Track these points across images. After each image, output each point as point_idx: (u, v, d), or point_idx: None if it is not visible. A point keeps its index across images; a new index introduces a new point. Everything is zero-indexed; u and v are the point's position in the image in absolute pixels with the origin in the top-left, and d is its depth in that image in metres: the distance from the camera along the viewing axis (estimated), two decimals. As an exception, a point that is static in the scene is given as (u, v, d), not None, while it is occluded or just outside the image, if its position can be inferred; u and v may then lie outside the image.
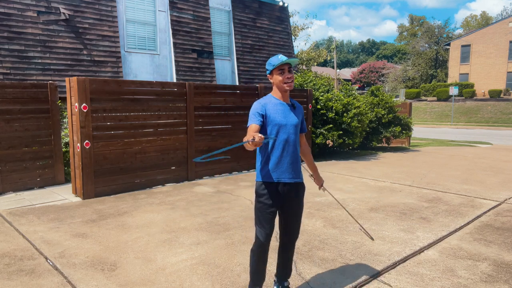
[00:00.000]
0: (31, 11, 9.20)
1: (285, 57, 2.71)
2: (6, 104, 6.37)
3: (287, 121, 2.79)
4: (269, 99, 2.84)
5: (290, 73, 2.75)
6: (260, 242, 2.79)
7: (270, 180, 2.78)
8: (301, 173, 2.91)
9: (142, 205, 5.73)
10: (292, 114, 2.83)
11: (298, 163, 2.87)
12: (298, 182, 2.85)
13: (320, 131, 9.93)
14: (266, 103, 2.80)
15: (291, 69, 2.77)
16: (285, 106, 2.82)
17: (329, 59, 35.69)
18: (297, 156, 2.86)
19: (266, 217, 2.77)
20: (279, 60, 2.69)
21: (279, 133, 2.77)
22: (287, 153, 2.79)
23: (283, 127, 2.77)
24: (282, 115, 2.78)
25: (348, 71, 72.38)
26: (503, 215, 5.30)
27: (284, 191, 2.79)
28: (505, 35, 39.49)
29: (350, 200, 6.03)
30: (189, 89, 7.42)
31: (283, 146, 2.78)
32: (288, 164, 2.79)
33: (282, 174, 2.78)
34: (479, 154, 11.80)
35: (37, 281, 3.33)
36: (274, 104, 2.80)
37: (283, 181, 2.78)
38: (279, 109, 2.79)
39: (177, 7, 11.81)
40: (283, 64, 2.72)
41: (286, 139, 2.79)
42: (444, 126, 29.54)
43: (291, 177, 2.80)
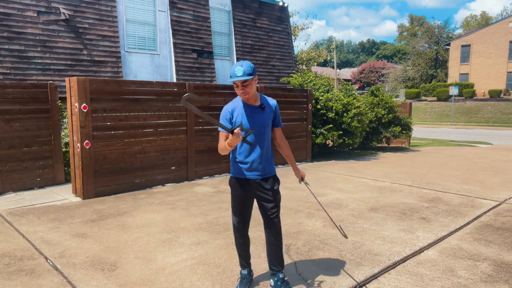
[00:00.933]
0: (31, 11, 9.20)
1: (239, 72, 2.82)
2: (6, 104, 6.37)
3: (253, 123, 2.98)
4: (237, 103, 3.05)
5: (243, 87, 2.89)
6: (234, 226, 3.19)
7: (240, 176, 3.05)
8: (273, 168, 3.12)
9: (142, 205, 5.73)
10: (259, 115, 3.01)
11: (268, 160, 3.06)
12: (267, 177, 3.06)
13: (320, 131, 9.93)
14: (233, 108, 3.03)
15: (244, 82, 2.86)
16: (251, 108, 3.00)
17: (329, 59, 35.69)
18: (266, 154, 3.05)
19: (237, 206, 3.10)
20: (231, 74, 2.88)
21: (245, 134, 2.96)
22: (254, 153, 3.01)
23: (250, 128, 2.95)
24: (247, 118, 2.98)
25: (348, 71, 72.38)
26: (503, 215, 5.30)
27: (254, 186, 3.04)
28: (505, 35, 39.49)
29: (350, 200, 6.03)
30: (189, 89, 7.42)
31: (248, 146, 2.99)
32: (255, 162, 3.01)
33: (249, 171, 3.02)
34: (479, 154, 11.80)
35: (37, 281, 3.33)
36: (240, 107, 3.02)
37: (251, 177, 3.02)
38: (244, 112, 2.99)
39: (177, 7, 11.81)
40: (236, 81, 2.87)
41: (253, 140, 2.99)
42: (444, 126, 29.54)
43: (258, 174, 3.03)
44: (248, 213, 3.15)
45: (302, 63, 21.24)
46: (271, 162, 3.12)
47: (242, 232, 3.17)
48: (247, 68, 2.85)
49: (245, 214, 3.14)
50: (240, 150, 3.05)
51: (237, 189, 3.09)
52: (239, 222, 3.14)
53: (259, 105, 3.02)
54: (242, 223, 3.14)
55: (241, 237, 3.18)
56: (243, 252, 3.23)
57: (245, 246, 3.22)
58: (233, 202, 3.14)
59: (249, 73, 2.85)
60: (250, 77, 2.85)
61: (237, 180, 3.08)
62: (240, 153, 3.05)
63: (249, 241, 3.26)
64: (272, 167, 3.12)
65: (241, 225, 3.15)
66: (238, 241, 3.21)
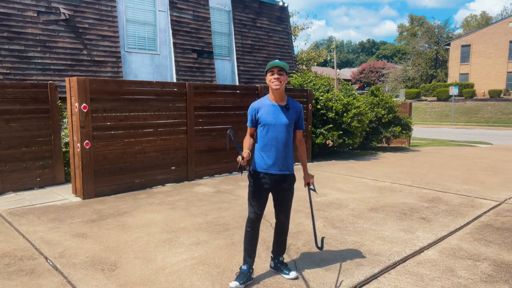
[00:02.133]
0: (31, 11, 9.20)
1: (277, 61, 3.15)
2: (6, 104, 6.37)
3: (277, 121, 3.18)
4: (263, 101, 3.28)
5: (278, 74, 3.13)
6: (249, 218, 3.28)
7: (261, 169, 3.23)
8: (291, 166, 3.30)
9: (142, 205, 5.73)
10: (283, 114, 3.21)
11: (288, 158, 3.25)
12: (286, 174, 3.26)
13: (320, 131, 9.93)
14: (259, 106, 3.25)
15: (281, 71, 3.13)
16: (277, 107, 3.22)
17: (329, 59, 35.69)
18: (287, 152, 3.24)
19: (255, 199, 3.25)
20: (270, 64, 3.15)
21: (269, 131, 3.19)
22: (275, 149, 3.20)
23: (272, 126, 3.18)
24: (272, 116, 3.19)
25: (348, 71, 72.38)
26: (503, 215, 5.30)
27: (272, 180, 3.23)
28: (505, 35, 39.49)
29: (350, 200, 6.03)
30: (189, 89, 7.42)
31: (271, 143, 3.19)
32: (276, 158, 3.20)
33: (271, 166, 3.21)
34: (479, 154, 11.80)
35: (37, 281, 3.33)
36: (266, 105, 3.24)
37: (270, 172, 3.21)
38: (270, 111, 3.21)
39: (177, 7, 11.81)
40: (273, 67, 3.13)
41: (275, 137, 3.19)
42: (444, 126, 29.54)
43: (278, 170, 3.22)
44: (264, 206, 3.28)
45: (302, 63, 21.23)
46: (291, 160, 3.29)
47: (256, 226, 3.28)
48: (284, 63, 3.17)
49: (262, 207, 3.27)
50: (263, 145, 3.22)
51: (256, 182, 3.23)
52: (255, 214, 3.24)
53: (285, 105, 3.22)
54: (258, 216, 3.25)
55: (254, 231, 3.29)
56: (250, 247, 3.30)
57: (255, 240, 3.32)
58: (251, 194, 3.26)
59: (285, 66, 3.15)
60: (285, 67, 3.14)
61: (257, 173, 3.23)
62: (263, 148, 3.22)
63: (258, 236, 3.35)
64: (291, 165, 3.29)
65: (257, 217, 3.25)
66: (248, 234, 3.30)
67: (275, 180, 3.23)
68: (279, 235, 3.43)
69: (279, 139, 3.19)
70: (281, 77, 3.13)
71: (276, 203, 3.34)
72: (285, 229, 3.44)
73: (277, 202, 3.34)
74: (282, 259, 3.46)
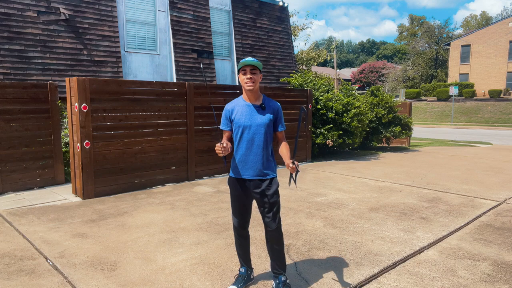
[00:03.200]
0: (31, 11, 9.20)
1: (249, 59, 2.90)
2: (6, 104, 6.37)
3: (251, 122, 2.98)
4: (238, 101, 3.08)
5: (251, 73, 2.90)
6: (234, 227, 3.18)
7: (236, 175, 3.05)
8: (271, 170, 3.05)
9: (142, 205, 5.73)
10: (258, 114, 3.00)
11: (266, 161, 3.02)
12: (263, 179, 3.01)
13: (320, 131, 9.93)
14: (233, 106, 3.06)
15: (254, 70, 2.91)
16: (251, 107, 3.01)
17: (329, 59, 35.69)
18: (264, 155, 3.01)
19: (236, 207, 3.10)
20: (241, 62, 2.91)
21: (243, 133, 2.99)
22: (250, 152, 2.99)
23: (247, 128, 2.98)
24: (246, 116, 2.99)
25: (348, 71, 72.38)
26: (503, 215, 5.30)
27: (251, 186, 3.02)
28: (505, 35, 39.49)
29: (350, 200, 6.03)
30: (189, 89, 7.42)
31: (247, 145, 2.99)
32: (252, 162, 3.00)
33: (246, 171, 3.01)
34: (479, 154, 11.80)
35: (37, 281, 3.33)
36: (241, 106, 3.04)
37: (248, 177, 3.01)
38: (244, 111, 3.01)
39: (177, 7, 11.81)
40: (245, 65, 2.90)
41: (250, 139, 2.99)
42: (444, 126, 29.54)
43: (255, 174, 3.00)
44: (247, 214, 3.13)
45: (302, 63, 21.23)
46: (270, 163, 3.06)
47: (242, 233, 3.17)
48: (257, 60, 2.94)
49: (244, 215, 3.12)
50: (237, 149, 3.05)
51: (234, 189, 3.08)
52: (238, 222, 3.13)
53: (260, 104, 3.02)
54: (241, 224, 3.13)
55: (240, 237, 3.18)
56: (242, 252, 3.23)
57: (244, 246, 3.22)
58: (232, 202, 3.14)
59: (258, 64, 2.92)
60: (259, 65, 2.92)
61: (234, 180, 3.07)
62: (237, 152, 3.06)
63: (249, 242, 3.25)
64: (271, 169, 3.06)
65: (240, 225, 3.14)
66: (237, 241, 3.21)
67: (254, 186, 3.00)
68: (272, 246, 3.07)
69: (255, 141, 2.98)
70: (254, 77, 2.91)
71: (261, 210, 3.05)
72: (278, 238, 3.04)
73: (261, 209, 3.05)
74: (284, 280, 3.08)
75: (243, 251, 3.23)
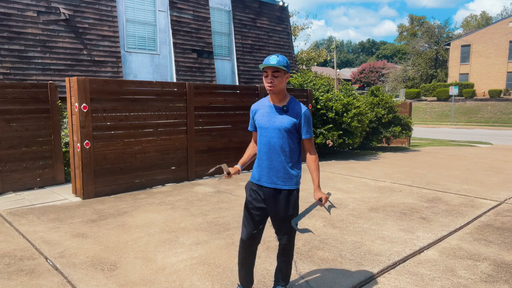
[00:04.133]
0: (31, 11, 9.20)
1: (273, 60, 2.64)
2: (6, 104, 6.37)
3: (269, 124, 2.76)
4: (263, 102, 2.90)
5: (272, 76, 2.67)
6: (240, 239, 2.87)
7: (254, 180, 2.86)
8: (287, 180, 2.77)
9: (142, 205, 5.73)
10: (278, 117, 2.75)
11: (283, 170, 2.75)
12: (279, 188, 2.75)
13: (320, 131, 9.93)
14: (257, 107, 2.90)
15: (276, 73, 2.66)
16: (272, 108, 2.79)
17: (329, 59, 35.70)
18: (282, 161, 2.75)
19: (248, 214, 2.83)
20: (262, 64, 2.68)
21: (261, 136, 2.81)
22: (267, 157, 2.77)
23: (264, 130, 2.78)
24: (266, 118, 2.79)
25: (348, 71, 72.38)
26: (503, 215, 5.30)
27: (265, 194, 2.79)
28: (505, 35, 39.48)
29: (350, 200, 6.03)
30: (189, 89, 7.42)
31: (263, 149, 2.79)
32: (267, 168, 2.77)
33: (262, 176, 2.80)
34: (479, 154, 11.80)
35: (37, 281, 3.33)
36: (263, 106, 2.86)
37: (262, 184, 2.80)
38: (265, 112, 2.82)
39: (177, 7, 11.81)
40: (267, 67, 2.67)
41: (267, 143, 2.77)
42: (444, 126, 29.54)
43: (269, 182, 2.77)
44: (257, 224, 2.81)
45: (302, 63, 21.23)
46: (291, 174, 2.76)
47: (248, 248, 2.86)
48: (283, 59, 2.66)
49: (254, 225, 2.81)
50: (258, 152, 2.85)
51: (249, 194, 2.86)
52: (246, 233, 2.83)
53: (282, 106, 2.76)
54: (250, 236, 2.81)
55: (244, 253, 2.87)
56: (245, 273, 2.93)
57: (249, 266, 2.91)
58: (244, 209, 2.87)
59: (283, 65, 2.64)
60: (283, 67, 2.62)
61: (251, 184, 2.86)
62: (257, 155, 2.86)
63: (254, 262, 2.94)
64: (290, 180, 2.77)
65: (249, 237, 2.82)
66: (242, 258, 2.90)
67: (268, 194, 2.76)
68: (280, 258, 2.95)
69: (272, 145, 2.73)
70: (275, 80, 2.66)
71: (273, 222, 2.83)
72: (288, 252, 2.91)
73: (274, 222, 2.82)
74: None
75: (247, 271, 2.92)
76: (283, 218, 2.77)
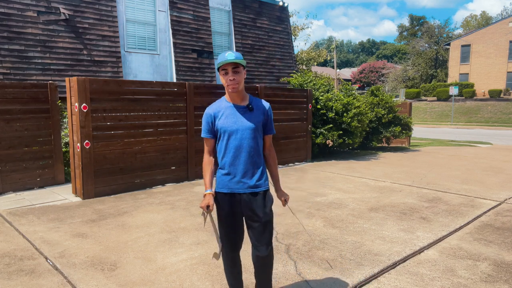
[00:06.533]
0: (31, 11, 9.20)
1: (231, 56, 2.45)
2: (6, 104, 6.37)
3: (239, 125, 2.56)
4: (221, 103, 2.65)
5: (233, 73, 2.48)
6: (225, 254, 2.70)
7: (225, 190, 2.61)
8: (262, 182, 2.63)
9: (142, 205, 5.73)
10: (246, 116, 2.58)
11: (257, 171, 2.61)
12: (256, 191, 2.59)
13: (320, 131, 9.93)
14: (216, 109, 2.63)
15: (237, 69, 2.48)
16: (238, 108, 2.59)
17: (329, 59, 35.70)
18: (255, 163, 2.61)
19: (224, 228, 2.63)
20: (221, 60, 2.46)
21: (230, 140, 2.57)
22: (240, 161, 2.57)
23: (234, 132, 2.56)
24: (232, 119, 2.57)
25: (348, 71, 72.39)
26: (503, 215, 5.30)
27: (241, 201, 2.59)
28: (505, 35, 39.48)
29: (350, 200, 6.03)
30: (189, 89, 7.42)
31: (234, 153, 2.57)
32: (241, 172, 2.57)
33: (235, 184, 2.58)
34: (479, 154, 11.80)
35: (37, 281, 3.33)
36: (224, 108, 2.61)
37: (236, 191, 2.58)
38: (229, 114, 2.58)
39: (177, 7, 11.81)
40: (226, 64, 2.46)
41: (239, 146, 2.56)
42: (444, 126, 29.54)
43: (246, 187, 2.58)
44: (237, 235, 2.66)
45: (302, 63, 21.24)
46: (263, 174, 2.63)
47: (232, 258, 2.71)
48: (238, 55, 2.49)
49: (234, 237, 2.65)
50: (223, 159, 2.61)
51: (222, 207, 2.61)
52: (228, 247, 2.66)
53: (247, 105, 2.60)
54: (231, 247, 2.66)
55: (230, 264, 2.73)
56: (233, 281, 2.80)
57: (236, 274, 2.78)
58: (219, 223, 2.66)
59: (241, 60, 2.46)
60: (242, 61, 2.46)
61: (221, 196, 2.61)
62: (223, 162, 2.60)
63: (241, 269, 2.83)
64: (263, 180, 2.63)
65: (230, 249, 2.67)
66: (227, 268, 2.77)
67: (245, 201, 2.57)
68: (260, 273, 2.68)
69: (244, 148, 2.55)
70: (237, 77, 2.48)
71: (251, 230, 2.61)
72: (269, 264, 2.66)
73: (252, 229, 2.60)
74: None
75: (235, 281, 2.80)
76: (264, 223, 2.59)
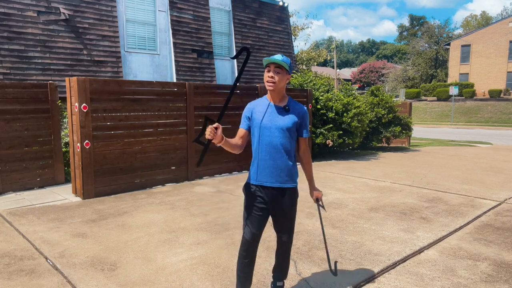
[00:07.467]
0: (31, 11, 9.20)
1: (278, 57, 2.67)
2: (6, 104, 6.37)
3: (272, 123, 2.74)
4: (261, 101, 2.88)
5: (274, 72, 2.68)
6: (244, 240, 2.81)
7: (254, 182, 2.80)
8: (290, 179, 2.80)
9: (142, 205, 5.73)
10: (280, 116, 2.76)
11: (286, 168, 2.77)
12: (284, 187, 2.78)
13: (320, 131, 9.93)
14: (255, 105, 2.86)
15: (278, 69, 2.68)
16: (273, 107, 2.79)
17: (329, 59, 35.72)
18: (285, 161, 2.76)
19: (251, 215, 2.79)
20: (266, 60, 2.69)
21: (262, 135, 2.75)
22: (270, 157, 2.74)
23: (267, 129, 2.74)
24: (268, 117, 2.76)
25: (348, 71, 72.38)
26: (503, 215, 5.30)
27: (268, 195, 2.77)
28: (505, 35, 39.48)
29: (350, 200, 6.03)
30: (189, 89, 7.42)
31: (265, 149, 2.75)
32: (271, 168, 2.75)
33: (264, 177, 2.76)
34: (479, 154, 11.80)
35: (37, 281, 3.33)
36: (263, 105, 2.83)
37: (265, 184, 2.77)
38: (264, 111, 2.79)
39: (177, 7, 11.81)
40: (270, 63, 2.70)
41: (269, 142, 2.74)
42: (444, 126, 29.54)
43: (273, 181, 2.75)
44: (260, 225, 2.79)
45: (302, 63, 21.24)
46: (292, 172, 2.79)
47: (250, 248, 2.81)
48: (287, 59, 2.70)
49: (257, 226, 2.78)
50: (256, 152, 2.79)
51: (251, 196, 2.80)
52: (250, 234, 2.78)
53: (284, 106, 2.78)
54: (254, 237, 2.78)
55: (247, 254, 2.81)
56: (243, 273, 2.85)
57: (248, 266, 2.85)
58: (246, 210, 2.83)
59: (287, 63, 2.67)
60: (286, 65, 2.65)
61: (251, 187, 2.82)
62: (256, 156, 2.80)
63: (254, 263, 2.88)
64: (292, 177, 2.81)
65: (253, 238, 2.78)
66: (241, 260, 2.83)
67: (272, 194, 2.76)
68: (281, 258, 2.99)
69: (274, 144, 2.72)
70: (277, 76, 2.67)
71: (275, 221, 2.87)
72: (288, 251, 2.97)
73: (276, 221, 2.87)
74: (281, 285, 3.05)
75: (246, 274, 2.86)
76: (288, 216, 2.84)
